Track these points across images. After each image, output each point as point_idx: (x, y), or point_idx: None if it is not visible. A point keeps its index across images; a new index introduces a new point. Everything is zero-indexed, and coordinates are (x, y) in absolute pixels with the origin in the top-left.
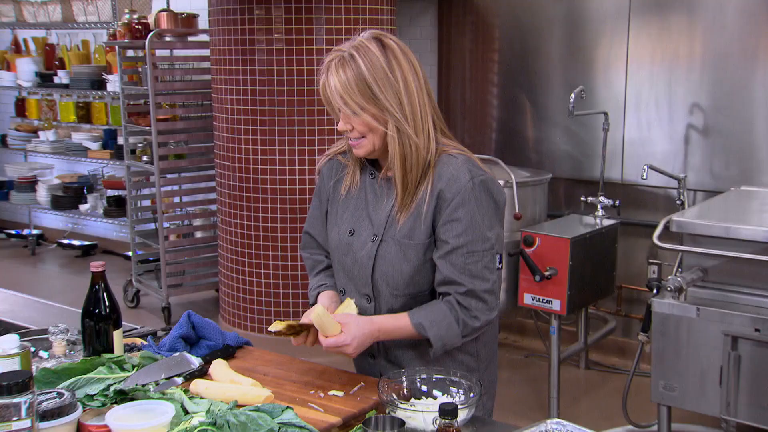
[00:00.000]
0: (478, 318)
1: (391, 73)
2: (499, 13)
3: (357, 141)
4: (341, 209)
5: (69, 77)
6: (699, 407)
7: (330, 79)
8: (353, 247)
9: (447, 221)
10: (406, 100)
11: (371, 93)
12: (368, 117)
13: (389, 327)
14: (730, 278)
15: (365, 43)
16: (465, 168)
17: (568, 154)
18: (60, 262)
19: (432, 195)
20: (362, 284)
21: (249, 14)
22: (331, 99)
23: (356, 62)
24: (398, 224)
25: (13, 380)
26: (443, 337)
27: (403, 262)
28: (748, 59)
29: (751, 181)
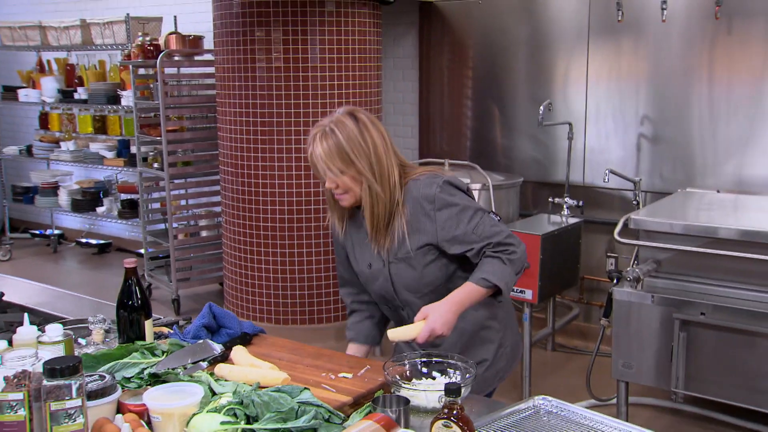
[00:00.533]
0: (515, 251)
1: (363, 141)
2: (473, 34)
3: (342, 196)
4: (355, 251)
5: (87, 93)
6: (653, 382)
7: (316, 149)
8: (374, 275)
9: (441, 228)
10: (375, 161)
11: (349, 159)
12: (347, 178)
13: (461, 296)
14: (680, 269)
15: (342, 118)
16: (427, 182)
17: (534, 160)
18: (78, 259)
19: (413, 214)
20: (391, 299)
21: (251, 35)
22: (317, 164)
23: (335, 135)
24: (395, 247)
25: (65, 364)
26: (504, 277)
27: (412, 271)
28: (688, 77)
29: (693, 183)
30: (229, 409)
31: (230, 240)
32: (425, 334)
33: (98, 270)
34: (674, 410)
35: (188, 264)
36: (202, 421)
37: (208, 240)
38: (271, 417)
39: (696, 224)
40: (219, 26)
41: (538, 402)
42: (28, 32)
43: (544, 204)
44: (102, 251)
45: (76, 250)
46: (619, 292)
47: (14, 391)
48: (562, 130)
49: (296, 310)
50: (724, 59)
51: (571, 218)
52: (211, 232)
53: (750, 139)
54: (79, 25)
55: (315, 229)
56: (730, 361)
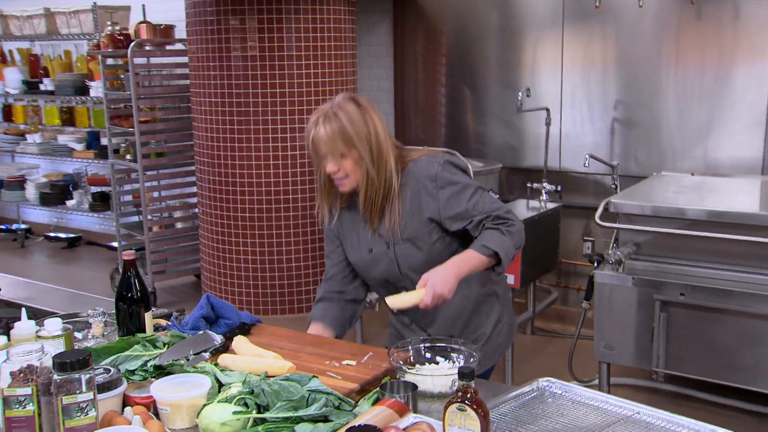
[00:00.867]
0: (514, 223)
1: (365, 125)
2: (447, 20)
3: (342, 180)
4: (352, 239)
5: (54, 84)
6: (634, 362)
7: (318, 132)
8: (377, 260)
9: (445, 204)
10: (375, 146)
11: (351, 142)
12: (349, 162)
13: (460, 260)
14: (660, 251)
15: (343, 103)
16: (429, 161)
17: (509, 146)
18: (48, 253)
19: (415, 194)
20: (396, 281)
21: (225, 24)
22: (320, 148)
23: (338, 118)
24: (401, 227)
25: (76, 358)
26: (503, 246)
27: (418, 251)
28: (661, 61)
29: (667, 167)
30: (240, 398)
31: (207, 231)
32: (428, 296)
33: (69, 264)
34: (652, 389)
35: (163, 256)
36: (214, 411)
37: (183, 232)
38: (282, 406)
39: (675, 207)
40: (192, 15)
41: (542, 384)
42: None
43: (519, 189)
44: (72, 245)
45: (44, 244)
46: (600, 275)
47: (22, 386)
48: (536, 116)
49: (275, 300)
50: (695, 45)
51: (549, 203)
52: (186, 223)
53: (719, 122)
54: (43, 14)
55: (293, 219)
56: (708, 340)
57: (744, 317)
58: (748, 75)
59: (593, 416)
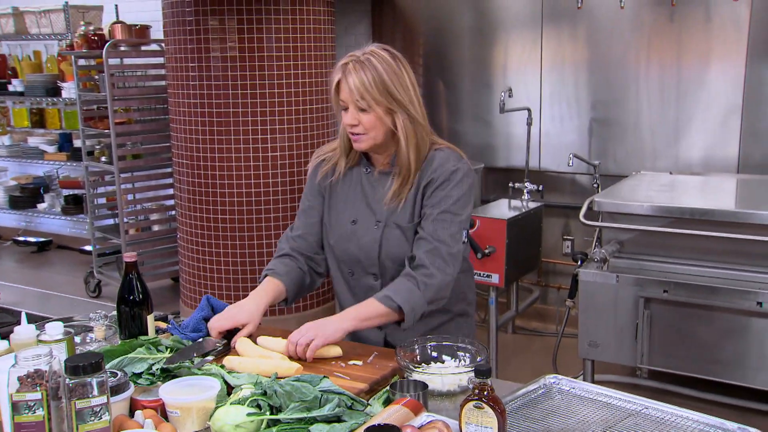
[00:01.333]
0: (434, 275)
1: (401, 73)
2: (425, 21)
3: (360, 136)
4: (339, 203)
5: (23, 85)
6: (618, 359)
7: (348, 78)
8: (357, 234)
9: (429, 196)
10: (414, 97)
11: (386, 90)
12: (374, 115)
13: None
14: (643, 249)
15: (377, 51)
16: (450, 158)
17: (488, 146)
18: (16, 258)
19: (422, 183)
20: (369, 265)
21: (204, 24)
22: (346, 96)
23: (373, 64)
24: (398, 211)
25: (88, 361)
26: (409, 300)
27: (405, 243)
28: (637, 62)
29: (645, 166)
30: (253, 400)
31: (186, 234)
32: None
33: (40, 269)
34: (634, 385)
35: (140, 259)
36: (227, 413)
37: (160, 234)
38: (295, 407)
39: (658, 205)
40: (170, 15)
41: (549, 381)
42: None
43: (498, 190)
44: (42, 249)
45: (12, 248)
46: (584, 273)
47: (31, 390)
48: (514, 116)
49: None
50: (670, 45)
51: (531, 203)
52: (162, 226)
53: (695, 121)
54: (11, 13)
55: (274, 221)
56: (691, 336)
57: (726, 313)
58: (722, 75)
59: (602, 412)
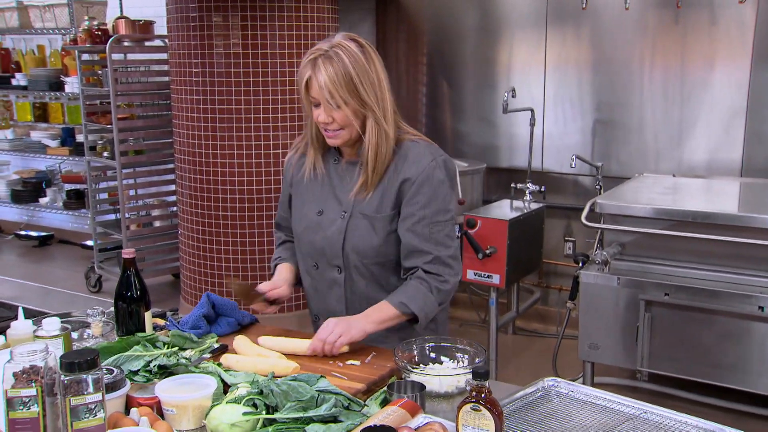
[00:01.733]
0: (448, 281)
1: (370, 70)
2: (430, 20)
3: (335, 132)
4: (306, 193)
5: (27, 80)
6: (619, 361)
7: (318, 75)
8: (323, 225)
9: (412, 196)
10: (380, 95)
11: (355, 88)
12: (349, 111)
13: (374, 314)
14: (645, 251)
15: (344, 42)
16: (427, 151)
17: (491, 146)
18: (18, 252)
19: (397, 175)
20: (333, 256)
21: (208, 21)
22: (317, 93)
23: (341, 59)
24: (365, 201)
25: (83, 358)
26: (423, 307)
27: (372, 234)
28: (641, 64)
29: (648, 168)
30: (249, 399)
31: (187, 230)
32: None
33: (42, 263)
34: (634, 388)
35: (141, 255)
36: (223, 412)
37: (161, 230)
38: (292, 406)
39: (662, 208)
40: (173, 11)
41: (547, 384)
42: None
43: (500, 190)
44: (43, 243)
45: (14, 242)
46: (585, 275)
47: (26, 387)
48: (519, 117)
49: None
50: (675, 47)
51: (533, 203)
52: (164, 222)
53: (699, 124)
54: (15, 7)
55: (276, 218)
56: (693, 339)
57: (727, 317)
58: (725, 78)
59: (601, 416)
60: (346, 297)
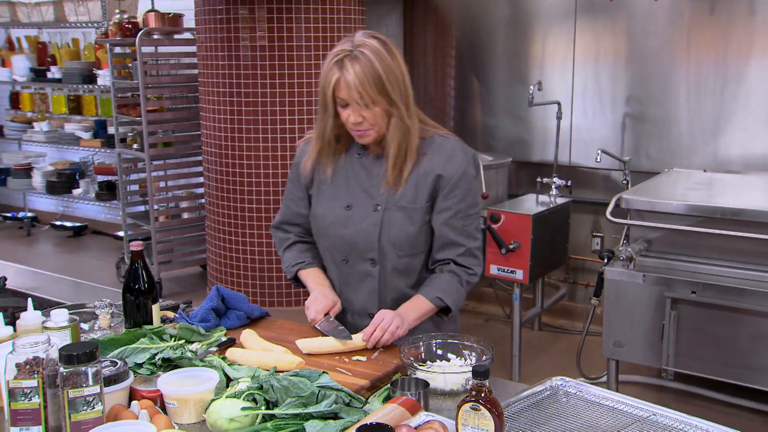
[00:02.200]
0: (476, 273)
1: (394, 67)
2: (457, 13)
3: (366, 131)
4: (330, 188)
5: (61, 72)
6: (644, 360)
7: (347, 75)
8: (354, 219)
9: (450, 191)
10: (404, 92)
11: (383, 87)
12: (378, 110)
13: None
14: (671, 248)
15: (368, 41)
16: (459, 147)
17: (518, 140)
18: (54, 242)
19: (431, 171)
20: (367, 250)
21: (234, 14)
22: (346, 94)
23: (368, 58)
24: (398, 193)
25: (83, 350)
26: (456, 300)
27: (410, 224)
28: (674, 56)
29: (679, 163)
30: (249, 394)
31: (214, 222)
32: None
33: (75, 253)
34: (660, 387)
35: (169, 246)
36: (222, 407)
37: (189, 222)
38: (291, 402)
39: (687, 203)
40: (201, 3)
41: (555, 383)
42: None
43: (528, 184)
44: (77, 234)
45: (50, 232)
46: (610, 271)
47: (28, 378)
48: (547, 110)
49: (281, 293)
50: (709, 39)
51: (559, 198)
52: (192, 214)
53: (732, 118)
54: (51, 1)
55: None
56: (720, 339)
57: (756, 316)
58: (763, 70)
59: (608, 417)
60: (380, 289)
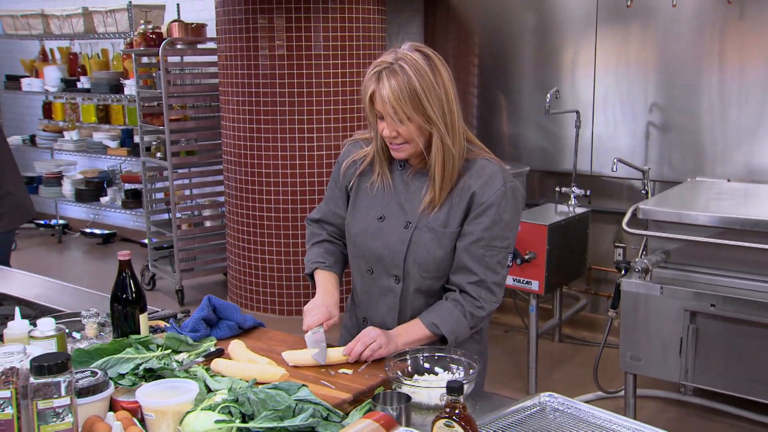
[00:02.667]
0: (484, 308)
1: (436, 83)
2: (479, 20)
3: (400, 146)
4: (368, 197)
5: (90, 82)
6: (661, 374)
7: (382, 89)
8: (384, 232)
9: (477, 216)
10: (447, 110)
11: (420, 104)
12: (413, 126)
13: (404, 329)
14: (689, 259)
15: (410, 54)
16: (500, 174)
17: (542, 149)
18: (84, 249)
19: (466, 192)
20: (392, 266)
21: (253, 23)
22: (380, 107)
23: (406, 73)
24: (432, 214)
25: (53, 361)
26: (455, 331)
27: (438, 248)
28: (698, 64)
29: (703, 172)
30: (224, 406)
31: (233, 230)
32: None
33: (103, 260)
34: (682, 402)
35: (192, 254)
36: (196, 419)
37: (211, 230)
38: (267, 415)
39: (706, 214)
40: (221, 13)
41: (544, 399)
42: (30, 21)
43: (551, 193)
44: (106, 241)
45: (80, 240)
46: (627, 283)
47: (2, 388)
48: (569, 118)
49: (300, 301)
50: (735, 45)
51: (578, 208)
52: (214, 222)
53: (761, 126)
54: (81, 13)
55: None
56: (741, 354)
57: None
58: None
59: None
60: (400, 307)
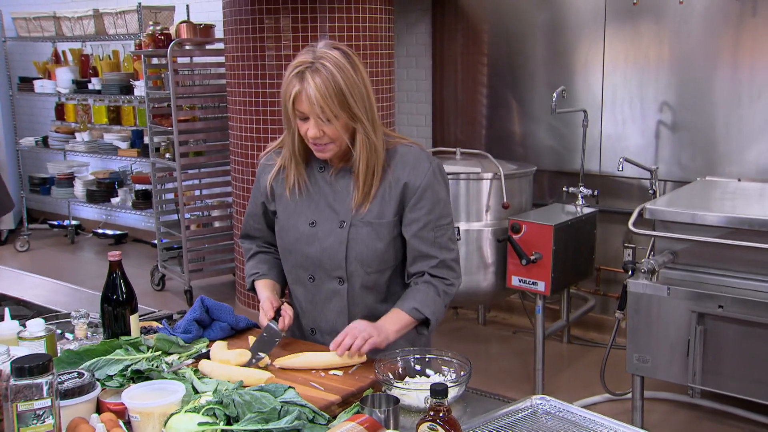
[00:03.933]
0: (453, 284)
1: (357, 80)
2: (487, 19)
3: (326, 146)
4: (293, 204)
5: (101, 84)
6: (669, 377)
7: (308, 89)
8: (319, 236)
9: (416, 202)
10: (368, 105)
11: (346, 101)
12: (339, 124)
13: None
14: (697, 260)
15: (329, 52)
16: (423, 156)
17: (550, 148)
18: (96, 249)
19: (396, 183)
20: (334, 268)
21: (260, 24)
22: (306, 108)
23: (330, 71)
24: (365, 209)
25: (35, 363)
26: (435, 312)
27: (377, 240)
28: (709, 62)
29: (714, 172)
30: (209, 408)
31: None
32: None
33: None
34: (691, 405)
35: (201, 255)
36: (180, 421)
37: (220, 230)
38: (252, 417)
39: (713, 214)
40: (228, 14)
41: (536, 402)
42: (42, 23)
43: (558, 193)
44: (118, 242)
45: (93, 240)
46: (634, 284)
47: None
48: (578, 118)
49: None
50: (746, 42)
51: (585, 208)
52: (223, 222)
53: None
54: (92, 14)
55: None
56: (749, 356)
57: None
58: None
59: None
60: (349, 308)
